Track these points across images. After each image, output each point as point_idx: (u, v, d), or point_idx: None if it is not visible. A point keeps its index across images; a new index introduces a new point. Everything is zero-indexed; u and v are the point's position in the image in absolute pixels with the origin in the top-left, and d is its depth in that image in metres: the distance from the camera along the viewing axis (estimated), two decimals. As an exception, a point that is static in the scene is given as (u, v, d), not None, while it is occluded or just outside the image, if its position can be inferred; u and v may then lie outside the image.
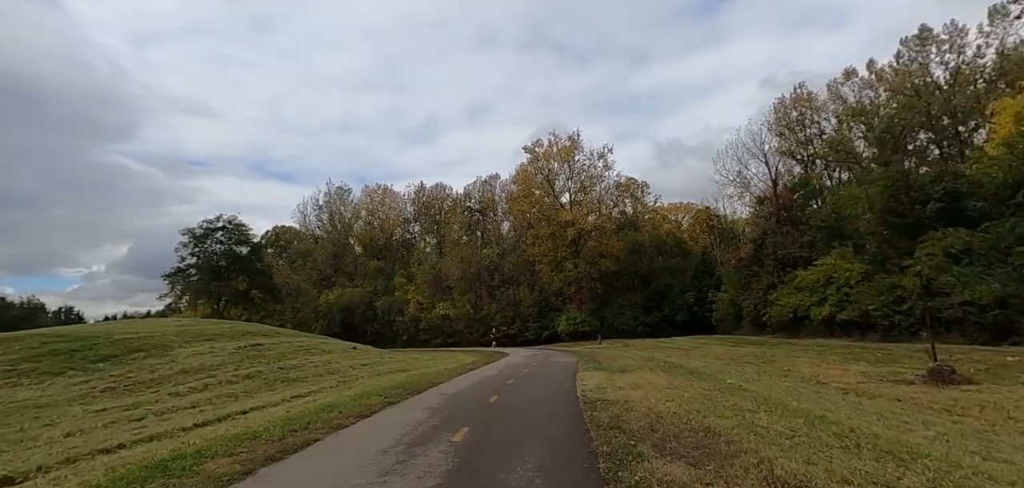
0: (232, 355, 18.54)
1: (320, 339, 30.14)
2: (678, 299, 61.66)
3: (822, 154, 55.70)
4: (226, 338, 21.20)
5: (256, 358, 18.80)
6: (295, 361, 19.20)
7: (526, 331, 64.63)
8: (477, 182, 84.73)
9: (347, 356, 23.13)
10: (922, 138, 53.25)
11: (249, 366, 17.76)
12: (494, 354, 38.24)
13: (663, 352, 33.45)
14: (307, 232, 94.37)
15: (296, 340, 25.22)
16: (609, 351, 35.97)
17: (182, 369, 15.85)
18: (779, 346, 31.60)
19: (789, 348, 29.18)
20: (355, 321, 72.07)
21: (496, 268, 71.34)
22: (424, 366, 24.57)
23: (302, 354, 20.81)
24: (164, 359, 16.59)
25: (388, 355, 31.10)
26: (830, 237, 39.21)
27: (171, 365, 16.04)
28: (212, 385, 14.59)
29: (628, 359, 25.82)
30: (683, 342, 41.78)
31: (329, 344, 27.14)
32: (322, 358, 21.00)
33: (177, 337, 19.57)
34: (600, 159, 61.21)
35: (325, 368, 19.36)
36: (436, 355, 40.06)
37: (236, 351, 19.10)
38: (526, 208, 61.82)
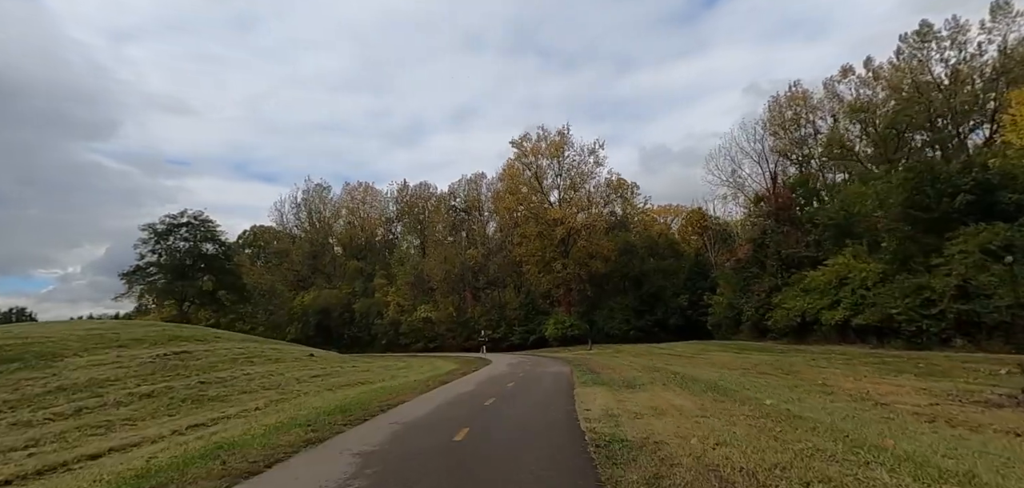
0: (142, 366, 14.72)
1: (273, 344, 26.24)
2: (671, 302, 58.49)
3: (820, 153, 52.93)
4: (146, 344, 17.29)
5: (175, 370, 14.98)
6: (225, 373, 15.41)
7: (512, 335, 61.02)
8: (462, 181, 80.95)
9: (299, 365, 19.38)
10: (917, 140, 50.89)
11: (160, 380, 13.94)
12: (476, 361, 34.51)
13: (663, 359, 30.03)
14: (284, 231, 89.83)
15: (240, 346, 21.34)
16: (603, 358, 32.46)
17: (61, 385, 12.05)
18: (792, 353, 28.32)
19: (806, 356, 25.89)
20: (331, 324, 67.81)
21: (481, 269, 67.66)
22: (391, 377, 20.82)
23: (240, 364, 17.01)
24: (44, 372, 12.77)
25: (353, 363, 27.26)
26: (839, 236, 36.21)
27: (48, 380, 12.24)
28: (91, 408, 10.83)
29: (629, 368, 22.29)
30: (681, 348, 38.46)
31: (282, 351, 23.26)
32: (264, 369, 17.21)
33: (78, 343, 15.68)
34: (591, 155, 58.07)
35: (263, 382, 15.57)
36: (412, 362, 36.23)
37: (151, 361, 15.26)
38: (512, 206, 58.26)
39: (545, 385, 15.99)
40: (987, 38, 47.91)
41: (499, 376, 20.05)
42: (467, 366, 28.84)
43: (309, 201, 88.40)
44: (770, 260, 41.28)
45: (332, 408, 11.69)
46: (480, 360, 34.13)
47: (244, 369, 16.41)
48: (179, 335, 19.99)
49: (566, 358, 31.96)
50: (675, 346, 43.10)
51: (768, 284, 40.46)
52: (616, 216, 68.30)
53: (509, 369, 24.52)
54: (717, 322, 51.26)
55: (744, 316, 43.64)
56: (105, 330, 19.22)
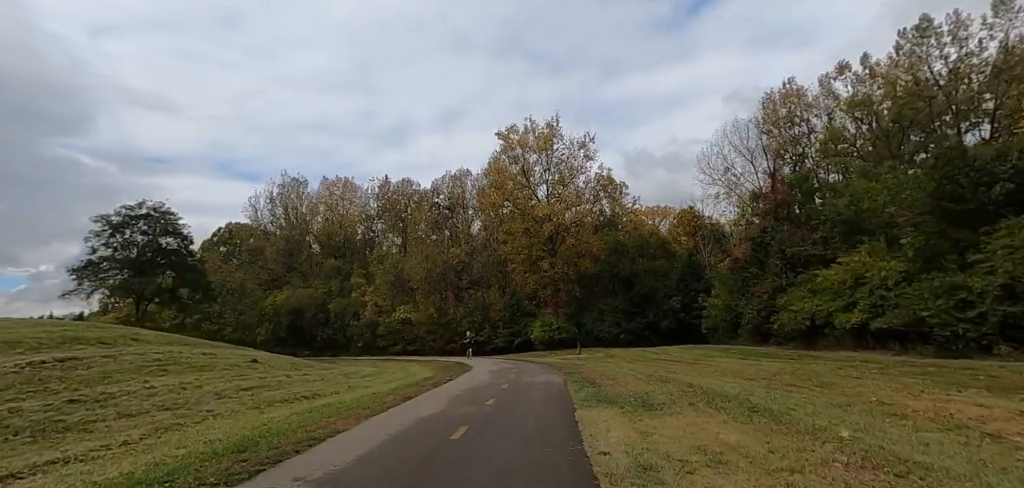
0: (2, 379, 10.84)
1: (207, 348, 22.17)
2: (663, 304, 55.32)
3: (817, 149, 50.24)
4: (23, 348, 13.33)
5: (45, 384, 11.12)
6: (115, 388, 11.58)
7: (496, 338, 57.29)
8: (446, 177, 77.07)
9: (229, 376, 15.52)
10: (916, 138, 48.58)
11: (9, 398, 10.05)
12: (456, 367, 30.75)
13: (663, 366, 26.61)
14: (258, 228, 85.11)
15: (160, 350, 17.35)
16: (596, 364, 28.95)
17: None
18: (807, 360, 25.08)
19: (828, 364, 22.66)
20: (304, 325, 63.42)
21: (465, 268, 63.86)
22: (348, 389, 17.03)
23: (145, 374, 13.15)
24: None
25: (307, 370, 23.35)
26: (848, 233, 33.23)
27: None
28: None
29: (632, 378, 18.75)
30: (681, 353, 35.12)
31: (216, 356, 19.28)
32: (177, 380, 13.33)
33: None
34: (581, 149, 54.70)
35: (166, 399, 11.72)
36: (384, 367, 32.39)
37: (16, 372, 11.37)
38: (498, 202, 54.62)
39: (535, 403, 12.37)
40: (988, 34, 45.64)
41: (478, 388, 16.38)
42: (443, 374, 25.10)
43: (285, 196, 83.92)
44: (772, 259, 38.21)
45: (232, 444, 7.94)
46: (459, 366, 30.38)
47: (147, 381, 12.53)
48: (79, 337, 15.95)
49: (555, 364, 28.39)
50: (670, 350, 39.79)
51: (771, 285, 37.36)
52: (605, 215, 65.04)
53: (491, 378, 20.86)
54: (713, 325, 48.16)
55: (744, 319, 40.51)
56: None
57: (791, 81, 58.46)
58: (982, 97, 44.92)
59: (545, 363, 30.19)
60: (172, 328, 64.29)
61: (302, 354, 62.61)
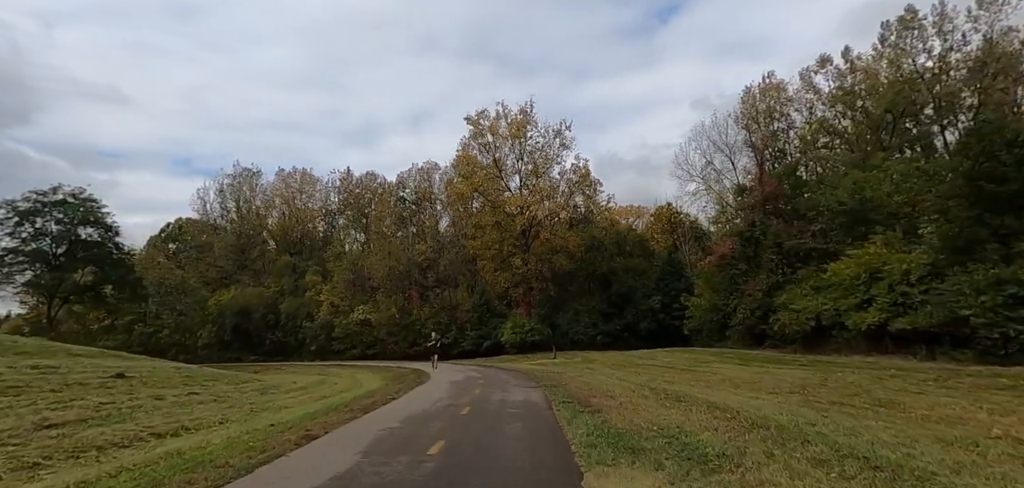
0: None
1: (55, 358, 16.55)
2: (642, 305, 51.36)
3: (804, 140, 47.29)
4: None
5: None
6: None
7: (463, 340, 52.37)
8: (412, 170, 71.66)
9: (62, 397, 10.30)
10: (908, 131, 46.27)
11: None
12: (413, 375, 25.71)
13: (658, 374, 22.32)
14: (208, 223, 77.79)
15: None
16: (577, 371, 24.44)
17: None
18: (837, 368, 21.10)
19: (866, 373, 18.67)
20: (252, 327, 57.05)
21: (431, 266, 58.68)
22: (248, 416, 11.96)
23: None
24: None
25: (207, 385, 18.01)
26: (851, 224, 29.76)
27: None
28: None
29: (632, 393, 14.20)
30: (670, 357, 30.94)
31: (66, 368, 13.84)
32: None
33: None
34: (557, 138, 50.32)
35: None
36: (326, 377, 27.16)
37: None
38: (467, 193, 49.69)
39: (511, 445, 7.64)
40: (973, 27, 43.54)
41: (428, 414, 11.51)
42: (394, 386, 20.13)
43: (236, 189, 76.87)
44: (767, 254, 34.52)
45: None
46: (417, 375, 25.33)
47: None
48: None
49: (530, 372, 23.69)
50: (656, 354, 35.61)
51: (766, 282, 33.63)
52: (580, 211, 60.78)
53: (451, 394, 16.01)
54: (697, 327, 44.37)
55: (734, 320, 36.72)
56: None
57: (770, 75, 55.62)
58: (961, 94, 42.93)
59: (518, 370, 25.47)
60: (101, 331, 57.07)
61: (248, 359, 56.24)
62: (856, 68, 49.22)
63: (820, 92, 51.66)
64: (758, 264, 36.93)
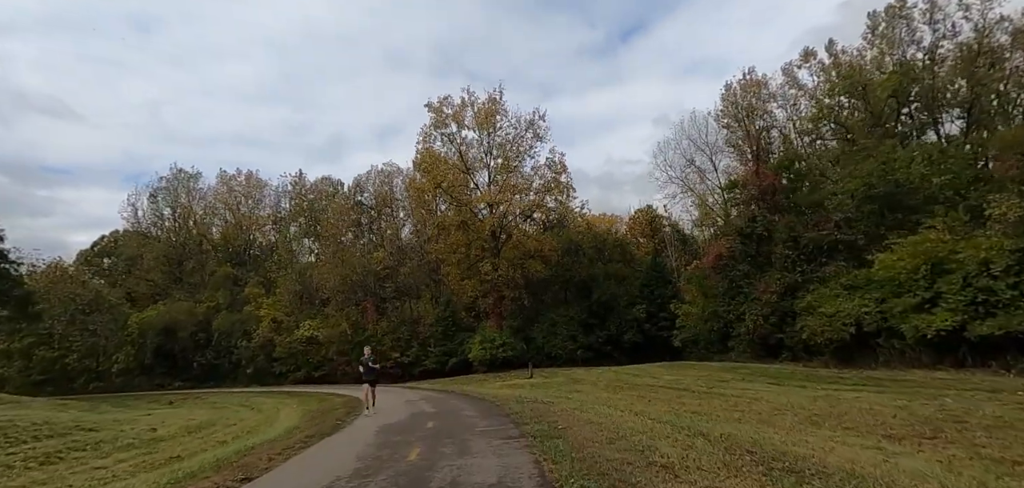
0: None
1: None
2: (626, 314, 45.42)
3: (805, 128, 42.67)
4: None
5: None
6: None
7: (426, 358, 45.23)
8: (371, 172, 64.43)
9: None
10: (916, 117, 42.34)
11: None
12: (344, 410, 18.66)
13: (672, 399, 16.20)
14: (139, 232, 68.24)
15: None
16: (565, 399, 17.91)
17: None
18: (895, 386, 15.29)
19: (990, 396, 12.83)
20: (177, 348, 48.39)
21: (390, 275, 51.35)
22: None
23: None
24: None
25: (32, 431, 10.73)
26: (886, 209, 24.51)
27: None
28: None
29: (698, 457, 7.68)
30: (674, 375, 24.83)
31: None
32: None
33: None
34: (529, 129, 44.16)
35: None
36: (237, 410, 19.85)
37: None
38: (428, 188, 42.82)
39: None
40: (963, 16, 40.02)
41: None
42: (303, 432, 13.16)
43: (172, 193, 67.69)
44: (779, 250, 29.01)
45: None
46: (348, 410, 18.24)
47: None
48: None
49: (504, 401, 17.00)
50: (653, 370, 29.44)
51: (780, 283, 28.01)
52: (554, 214, 54.58)
53: (370, 455, 9.19)
54: (690, 337, 38.67)
55: (739, 328, 31.01)
56: None
57: (751, 71, 51.47)
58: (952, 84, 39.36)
59: (488, 399, 18.71)
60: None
61: (173, 386, 47.54)
62: (840, 62, 45.29)
63: (804, 87, 47.49)
64: (765, 263, 31.44)
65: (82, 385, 48.63)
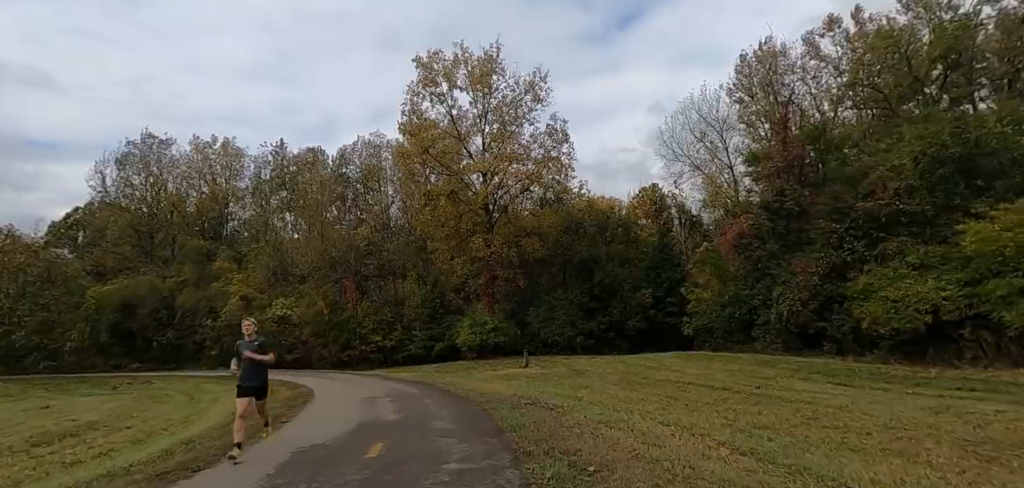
0: None
1: None
2: (630, 299, 41.02)
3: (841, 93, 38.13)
4: None
5: None
6: None
7: (410, 342, 40.70)
8: (358, 143, 59.34)
9: None
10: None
11: None
12: (287, 405, 14.10)
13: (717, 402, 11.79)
14: (108, 202, 62.78)
15: None
16: (573, 399, 13.38)
17: None
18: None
19: None
20: (136, 326, 43.47)
21: (373, 251, 46.60)
22: None
23: None
24: None
25: None
26: (960, 174, 20.01)
27: None
28: None
29: None
30: (698, 369, 20.46)
31: None
32: None
33: None
34: (529, 92, 39.22)
35: None
36: (160, 400, 15.20)
37: None
38: (414, 153, 37.87)
39: None
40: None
41: None
42: (175, 460, 8.50)
43: (143, 160, 62.19)
44: (823, 225, 24.46)
45: None
46: (292, 403, 13.64)
47: None
48: None
49: (494, 404, 12.42)
50: (669, 362, 24.99)
51: (823, 262, 23.50)
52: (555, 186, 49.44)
53: None
54: (704, 325, 34.31)
55: (766, 315, 26.59)
56: None
57: (768, 41, 47.03)
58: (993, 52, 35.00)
59: (474, 397, 14.12)
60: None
61: (131, 367, 42.71)
62: (867, 31, 40.62)
63: (826, 57, 42.79)
64: (798, 241, 26.98)
65: (32, 364, 43.76)
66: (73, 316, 44.47)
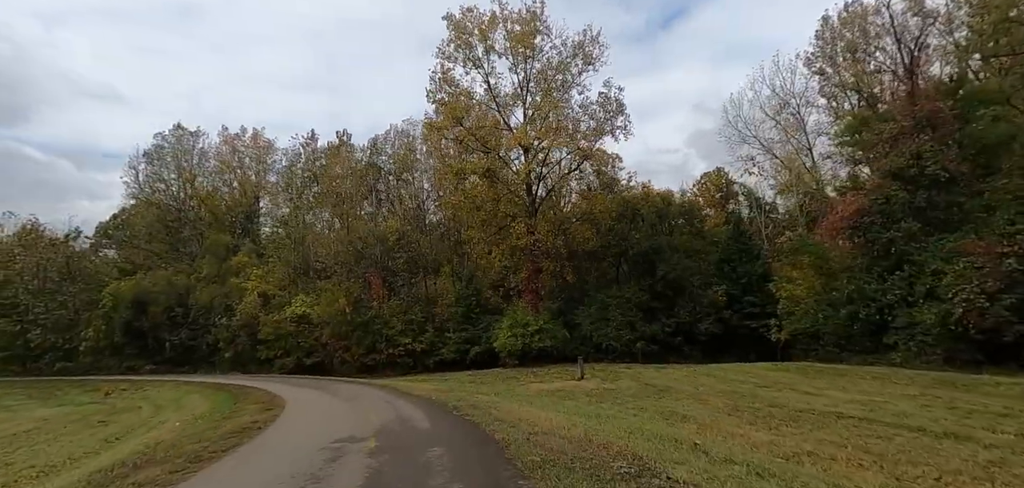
0: None
1: None
2: (700, 297, 34.02)
3: (983, 31, 29.95)
4: None
5: None
6: None
7: (443, 345, 35.09)
8: (391, 131, 54.58)
9: None
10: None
11: None
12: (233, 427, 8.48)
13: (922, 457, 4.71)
14: (139, 198, 60.61)
15: None
16: (669, 439, 6.97)
17: None
18: None
19: None
20: (147, 326, 39.74)
21: (403, 244, 41.35)
22: None
23: None
24: None
25: None
26: None
27: None
28: None
29: None
30: (847, 394, 13.66)
31: None
32: None
33: None
34: (578, 54, 32.96)
35: None
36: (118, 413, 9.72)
37: None
38: (445, 126, 32.22)
39: None
40: None
41: None
42: None
43: (175, 154, 59.66)
44: (1014, 183, 17.03)
45: None
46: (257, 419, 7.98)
47: None
48: None
49: (559, 462, 6.46)
50: (788, 378, 18.22)
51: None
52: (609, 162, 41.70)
53: None
54: (803, 329, 26.99)
55: (912, 318, 19.24)
56: None
57: (855, 1, 39.44)
58: None
59: (513, 439, 8.04)
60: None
61: (143, 369, 39.03)
62: None
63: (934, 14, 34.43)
64: (949, 217, 19.55)
65: (47, 365, 40.99)
66: (90, 314, 41.42)
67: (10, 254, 38.25)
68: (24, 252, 40.80)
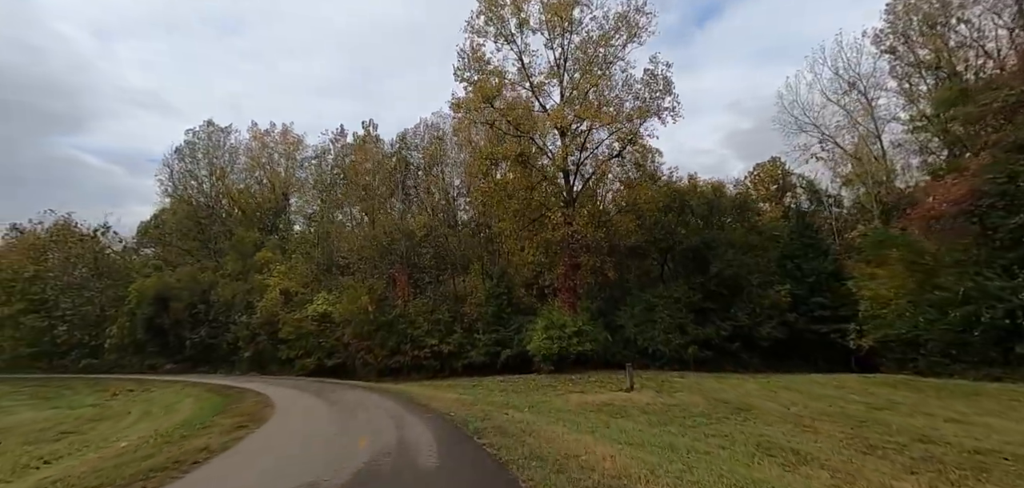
0: None
1: None
2: (760, 298, 29.88)
3: None
4: None
5: None
6: None
7: (472, 347, 32.07)
8: (420, 125, 52.10)
9: None
10: None
11: None
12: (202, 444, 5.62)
13: None
14: (173, 196, 60.37)
15: None
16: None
17: None
18: None
19: None
20: (168, 323, 38.33)
21: (430, 239, 38.65)
22: None
23: None
24: None
25: None
26: None
27: None
28: None
29: None
30: (1011, 418, 9.47)
31: None
32: None
33: None
34: (621, 26, 29.44)
35: None
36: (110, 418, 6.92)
37: None
38: (475, 105, 29.23)
39: None
40: None
41: None
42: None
43: (208, 150, 59.10)
44: None
45: None
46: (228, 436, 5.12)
47: None
48: None
49: None
50: (882, 392, 14.40)
51: None
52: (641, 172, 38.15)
53: None
54: (894, 337, 22.64)
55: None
56: None
57: None
58: None
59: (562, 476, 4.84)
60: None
61: (163, 368, 37.63)
62: None
63: None
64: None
65: (73, 362, 40.29)
66: (116, 311, 40.49)
67: (42, 250, 37.54)
68: (54, 248, 40.20)
